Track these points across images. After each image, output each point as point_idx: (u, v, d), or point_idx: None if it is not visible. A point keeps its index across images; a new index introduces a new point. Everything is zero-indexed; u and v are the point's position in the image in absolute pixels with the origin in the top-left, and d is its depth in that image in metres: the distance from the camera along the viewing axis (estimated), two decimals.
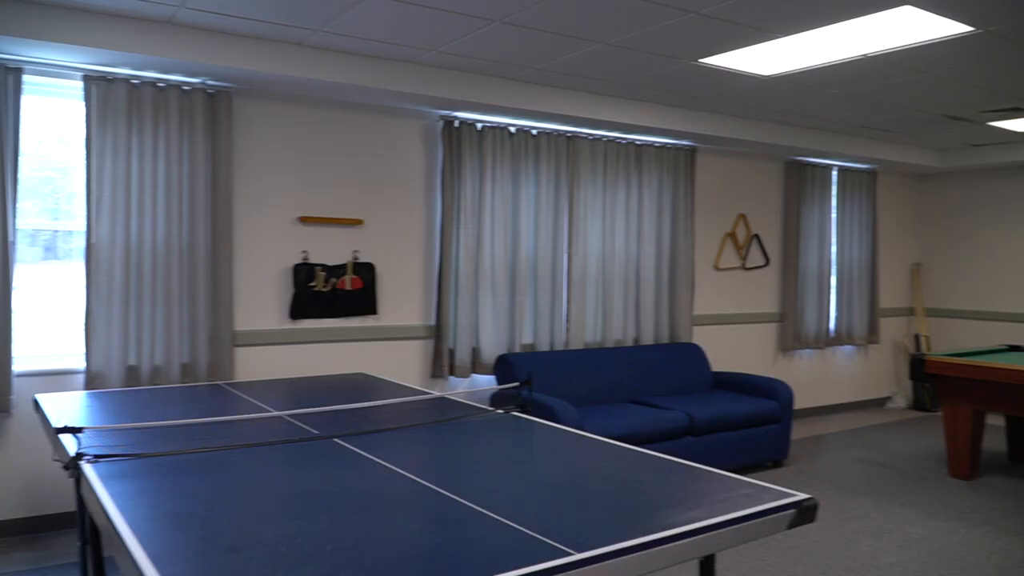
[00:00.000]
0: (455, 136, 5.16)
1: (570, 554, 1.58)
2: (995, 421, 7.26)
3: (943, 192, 8.18)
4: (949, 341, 8.11)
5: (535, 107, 5.02)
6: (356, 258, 4.96)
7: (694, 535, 1.74)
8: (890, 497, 4.88)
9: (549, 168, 5.54)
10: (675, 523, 1.78)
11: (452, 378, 5.31)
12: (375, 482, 2.13)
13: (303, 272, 4.74)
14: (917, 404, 7.96)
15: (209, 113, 4.39)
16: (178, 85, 4.28)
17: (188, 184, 4.35)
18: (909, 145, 7.34)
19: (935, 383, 5.36)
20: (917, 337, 8.14)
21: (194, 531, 1.73)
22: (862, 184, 7.61)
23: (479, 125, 5.25)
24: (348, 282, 4.89)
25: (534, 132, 5.48)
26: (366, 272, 4.96)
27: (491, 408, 3.17)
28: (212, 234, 4.42)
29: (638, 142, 5.99)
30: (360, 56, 4.39)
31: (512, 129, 5.39)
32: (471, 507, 1.91)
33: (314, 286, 4.78)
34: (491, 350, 5.31)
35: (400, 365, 5.14)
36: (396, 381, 4.10)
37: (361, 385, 3.79)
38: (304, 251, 4.79)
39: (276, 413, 2.85)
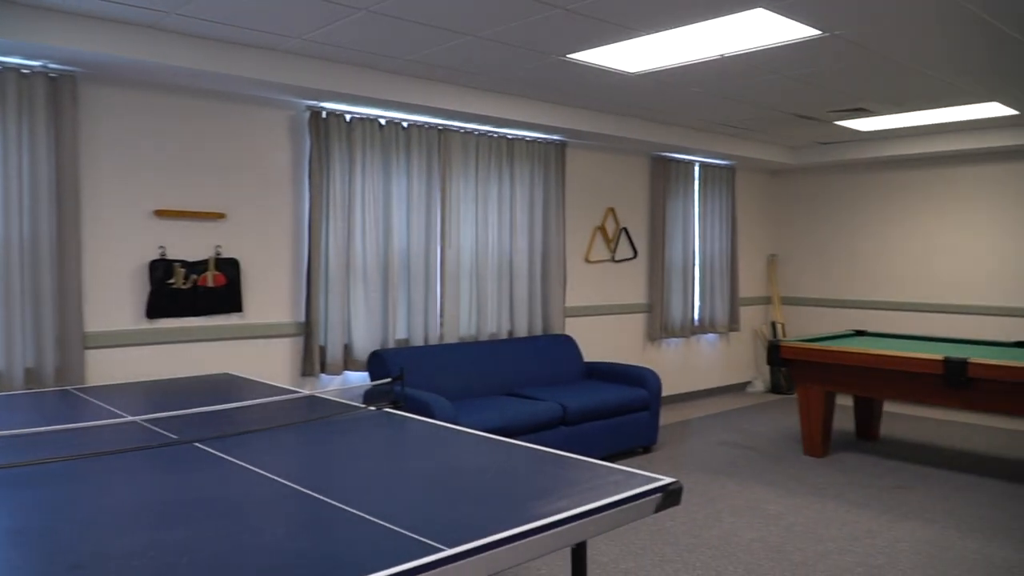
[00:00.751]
0: (323, 127, 5.01)
1: (441, 550, 1.55)
2: (844, 401, 7.79)
3: (796, 187, 8.69)
4: (803, 327, 8.63)
5: (405, 99, 4.95)
6: (219, 253, 4.74)
7: (565, 524, 1.76)
8: (751, 476, 5.14)
9: (421, 161, 5.49)
10: (546, 513, 1.79)
11: (323, 376, 5.17)
12: (238, 487, 2.03)
13: (160, 268, 4.48)
14: (775, 388, 8.44)
15: (51, 99, 4.06)
16: (16, 68, 3.94)
17: (28, 174, 4.01)
18: (764, 142, 7.75)
19: (790, 367, 5.69)
20: (774, 324, 8.62)
21: (35, 548, 1.59)
22: (722, 179, 7.97)
23: (348, 116, 5.12)
24: (210, 279, 4.66)
25: (405, 124, 5.41)
26: (230, 268, 4.75)
27: (363, 406, 3.10)
28: (57, 228, 4.10)
29: (510, 136, 6.02)
30: (217, 41, 4.18)
31: (382, 121, 5.29)
32: (340, 508, 1.85)
33: (173, 283, 4.52)
34: (364, 346, 5.20)
35: (268, 364, 4.95)
36: (263, 381, 3.95)
37: (225, 386, 3.62)
38: (161, 246, 4.53)
39: (131, 418, 2.67)
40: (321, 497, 1.93)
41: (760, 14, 3.70)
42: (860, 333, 6.48)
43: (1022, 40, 4.12)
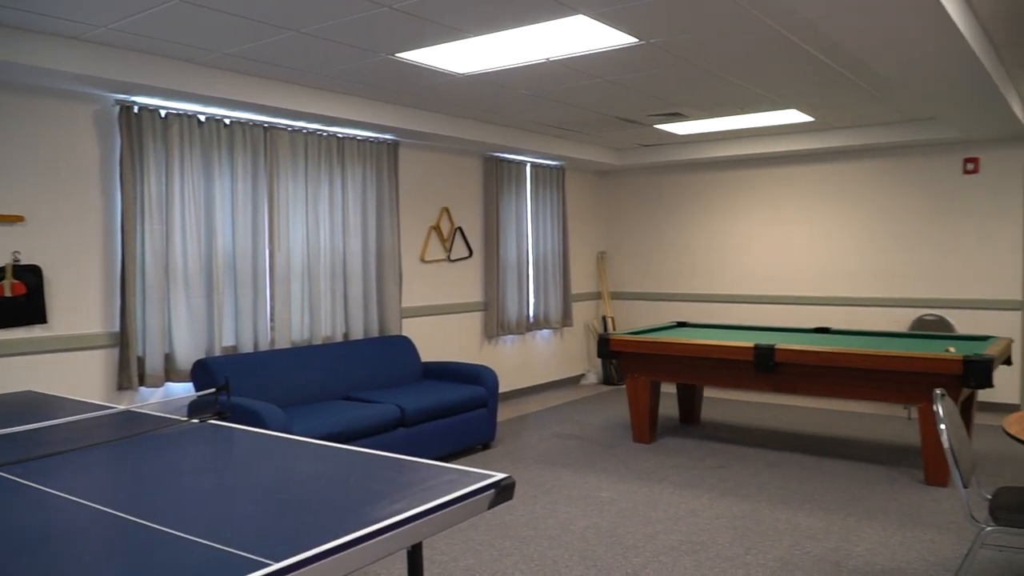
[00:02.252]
0: (135, 123, 4.69)
1: (268, 565, 1.50)
2: (669, 389, 8.25)
3: (622, 187, 9.10)
4: (631, 321, 9.05)
5: (226, 95, 4.73)
6: (17, 260, 4.32)
7: (398, 527, 1.74)
8: (585, 465, 5.33)
9: (245, 160, 5.26)
10: (379, 517, 1.76)
11: (143, 389, 4.84)
12: (43, 516, 1.86)
13: None
14: (606, 379, 8.80)
15: None
16: None
17: None
18: (591, 144, 8.06)
19: (619, 359, 5.95)
20: (604, 319, 8.99)
21: None
22: (553, 179, 8.21)
23: (163, 112, 4.83)
24: (7, 288, 4.24)
25: (227, 122, 5.17)
26: (30, 276, 4.34)
27: (185, 419, 2.93)
28: None
29: (340, 135, 5.90)
30: (9, 28, 3.81)
31: (202, 117, 5.03)
32: (160, 530, 1.74)
33: None
34: (187, 355, 4.93)
35: (79, 379, 4.57)
36: (73, 397, 3.64)
37: (28, 405, 3.31)
38: None
39: None
40: (138, 520, 1.81)
41: (581, 20, 3.83)
42: (682, 324, 6.88)
43: (813, 52, 4.52)
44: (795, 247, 7.90)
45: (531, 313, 8.00)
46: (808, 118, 6.60)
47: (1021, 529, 2.85)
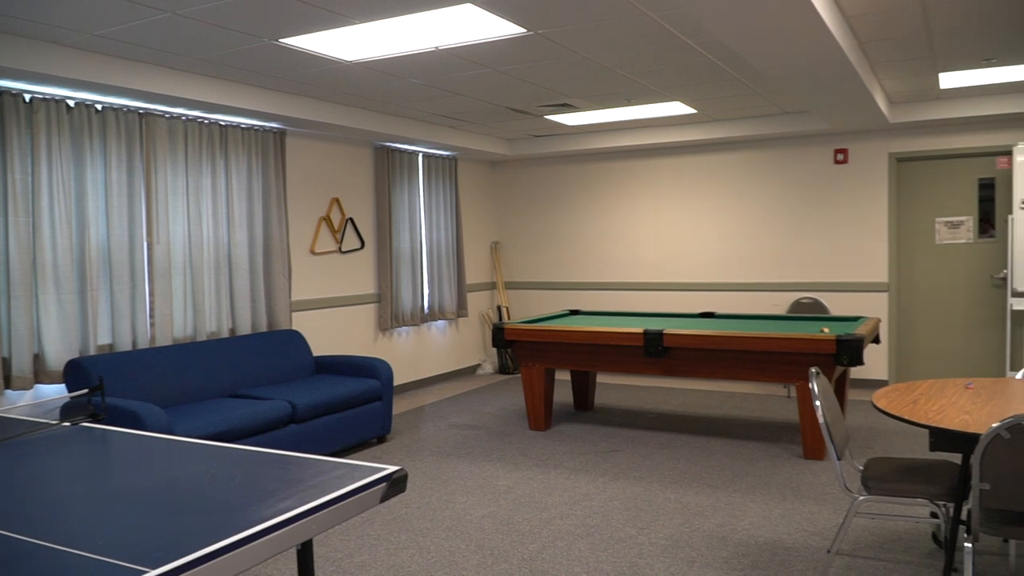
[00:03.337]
0: None
1: (143, 572, 1.42)
2: (563, 376, 8.38)
3: (514, 177, 9.15)
4: (526, 310, 9.13)
5: (96, 79, 4.46)
6: None
7: (285, 525, 1.69)
8: (481, 455, 5.34)
9: (120, 148, 4.98)
10: (264, 517, 1.71)
11: (9, 392, 4.53)
12: None
13: None
14: (502, 368, 8.85)
15: None
16: None
17: None
18: (483, 134, 8.06)
19: (514, 348, 5.99)
20: (500, 308, 9.03)
21: None
22: (445, 169, 8.17)
23: (27, 96, 4.51)
24: None
25: (99, 107, 4.88)
26: None
27: (56, 422, 2.76)
28: None
29: (223, 123, 5.67)
30: None
31: (71, 103, 4.73)
32: (27, 541, 1.62)
33: None
34: (59, 355, 4.64)
35: None
36: None
37: None
38: None
39: None
40: (3, 532, 1.68)
41: (469, 9, 3.81)
42: (575, 312, 6.99)
43: (694, 46, 4.67)
44: (682, 235, 8.16)
45: (426, 304, 7.95)
46: (691, 110, 6.81)
47: (891, 497, 3.04)
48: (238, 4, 3.68)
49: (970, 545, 2.68)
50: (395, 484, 2.02)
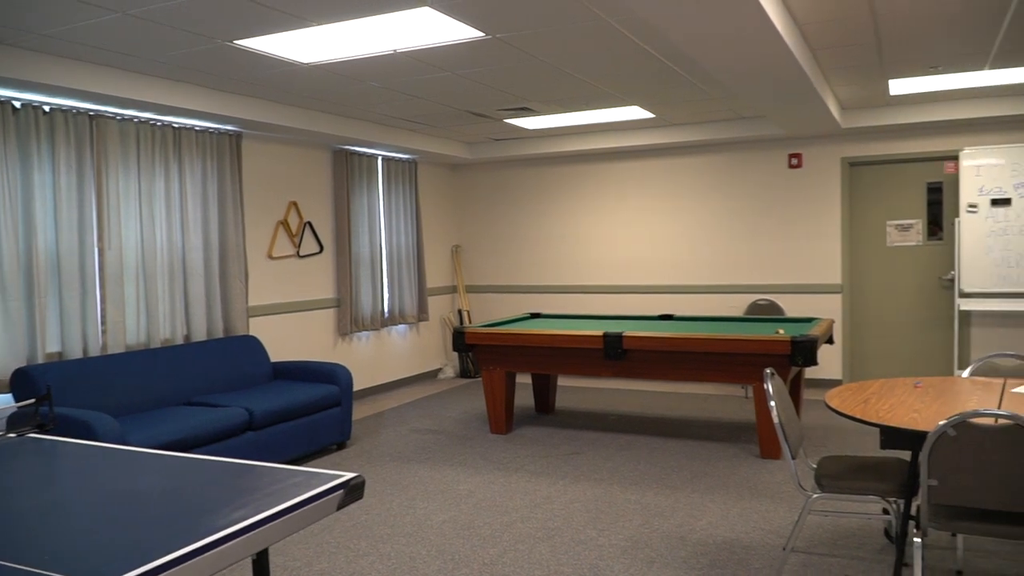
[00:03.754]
0: None
1: None
2: (524, 380, 8.39)
3: (475, 180, 9.14)
4: (487, 313, 9.13)
5: (44, 79, 4.35)
6: None
7: (239, 535, 1.66)
8: (442, 460, 5.32)
9: (69, 151, 4.87)
10: (219, 527, 1.68)
11: None
12: None
13: None
14: (463, 372, 8.83)
15: None
16: None
17: None
18: (443, 138, 8.04)
19: (475, 352, 5.98)
20: (460, 312, 9.01)
21: None
22: (405, 173, 8.13)
23: None
24: None
25: (47, 109, 4.76)
26: None
27: (1, 433, 2.68)
28: None
29: (176, 125, 5.57)
30: None
31: (17, 104, 4.61)
32: None
33: None
34: (5, 364, 4.51)
35: None
36: None
37: None
38: None
39: None
40: None
41: (427, 13, 3.80)
42: (536, 315, 7.01)
43: (650, 52, 4.71)
44: (641, 238, 8.23)
45: (386, 308, 7.90)
46: (649, 114, 6.87)
47: (843, 495, 3.10)
48: (191, 5, 3.63)
49: (919, 540, 2.74)
50: (352, 491, 2.01)
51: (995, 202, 6.48)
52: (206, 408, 4.86)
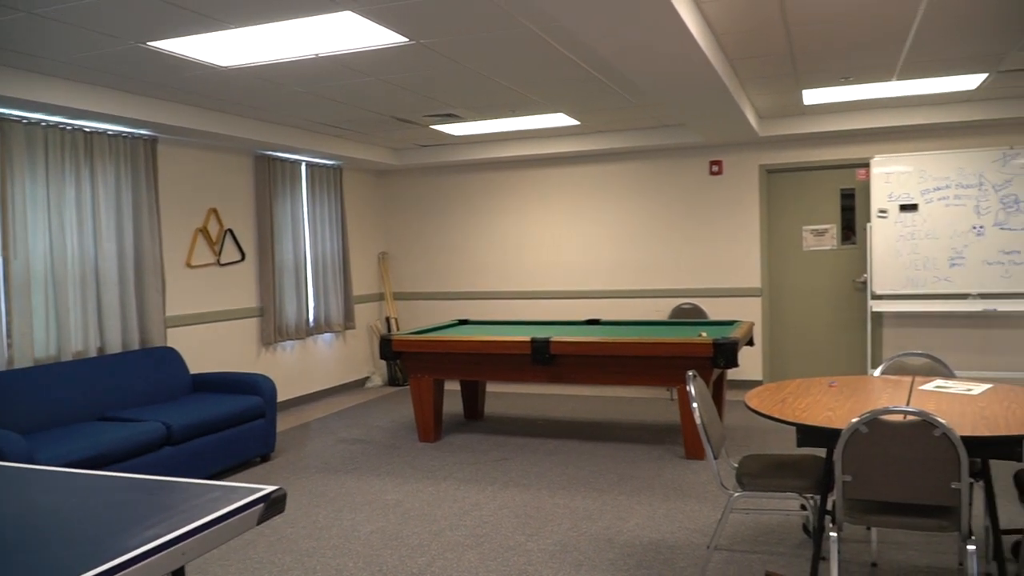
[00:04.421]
0: None
1: None
2: (453, 386, 8.35)
3: (402, 187, 9.08)
4: (415, 321, 9.06)
5: None
6: None
7: (153, 554, 1.60)
8: (369, 470, 5.25)
9: None
10: (129, 547, 1.61)
11: None
12: None
13: None
14: (392, 380, 8.74)
15: None
16: None
17: None
18: (369, 144, 7.96)
19: (402, 359, 5.93)
20: (388, 320, 8.92)
21: None
22: (330, 179, 8.01)
23: None
24: None
25: None
26: None
27: None
28: None
29: (88, 129, 5.36)
30: None
31: None
32: None
33: None
34: None
35: None
36: None
37: None
38: None
39: None
40: None
41: (349, 17, 3.76)
42: (464, 322, 6.99)
43: (574, 59, 4.77)
44: (569, 244, 8.31)
45: (311, 317, 7.76)
46: (575, 122, 6.95)
47: (763, 492, 3.18)
48: (100, 4, 3.50)
49: (835, 534, 2.83)
50: (273, 504, 1.96)
51: (904, 208, 6.78)
52: (121, 423, 4.68)
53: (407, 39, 4.19)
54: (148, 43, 4.10)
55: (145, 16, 3.67)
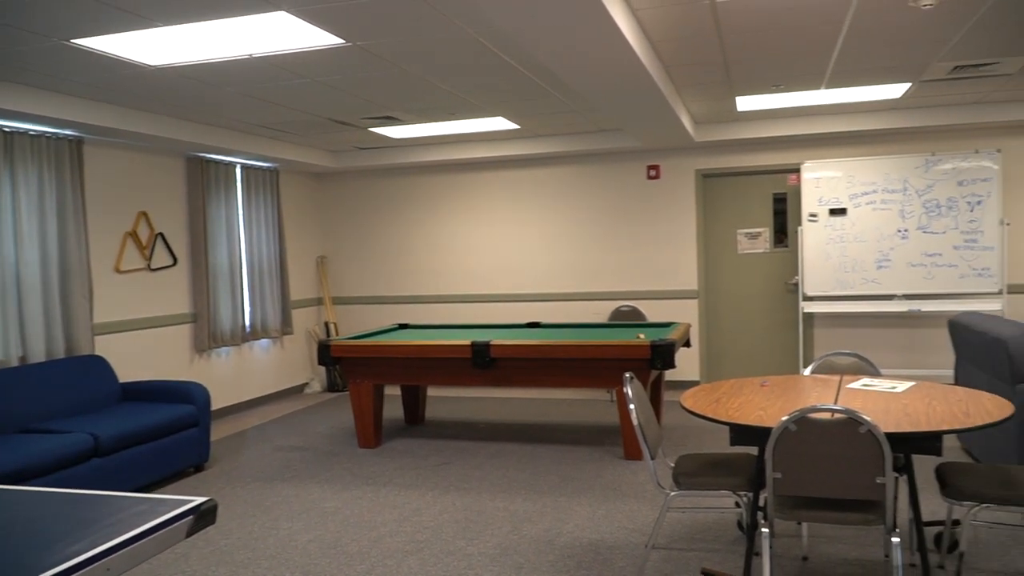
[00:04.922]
0: None
1: None
2: (393, 391, 8.28)
3: (340, 190, 8.97)
4: (354, 325, 8.95)
5: None
6: None
7: (74, 571, 1.54)
8: (308, 477, 5.16)
9: None
10: (50, 564, 1.55)
11: None
12: None
13: None
14: (331, 386, 8.62)
15: None
16: None
17: None
18: (306, 146, 7.84)
19: (341, 365, 5.85)
20: (327, 324, 8.80)
21: None
22: (266, 182, 7.87)
23: None
24: None
25: None
26: None
27: None
28: None
29: (7, 129, 5.15)
30: None
31: None
32: None
33: None
34: None
35: None
36: None
37: None
38: None
39: None
40: None
41: (283, 17, 3.70)
42: (404, 326, 6.94)
43: (513, 64, 4.78)
44: (509, 247, 8.32)
45: (247, 322, 7.60)
46: (514, 125, 6.97)
47: (699, 491, 3.23)
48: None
49: (767, 530, 2.90)
50: (203, 516, 1.91)
51: (833, 212, 6.99)
52: (45, 435, 4.50)
53: (343, 40, 4.15)
54: (72, 40, 3.96)
55: (69, 12, 3.55)
